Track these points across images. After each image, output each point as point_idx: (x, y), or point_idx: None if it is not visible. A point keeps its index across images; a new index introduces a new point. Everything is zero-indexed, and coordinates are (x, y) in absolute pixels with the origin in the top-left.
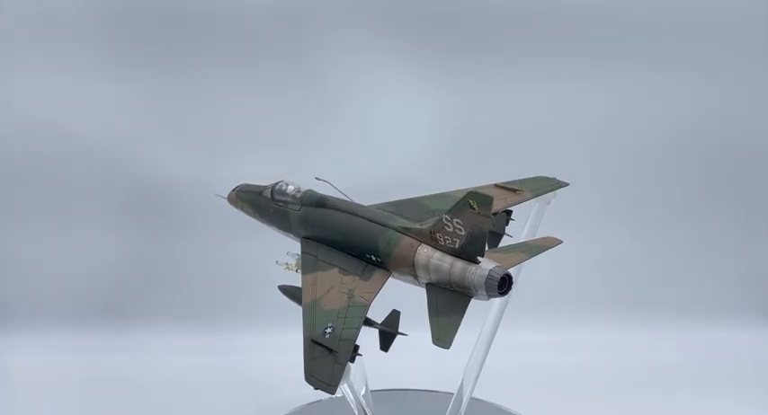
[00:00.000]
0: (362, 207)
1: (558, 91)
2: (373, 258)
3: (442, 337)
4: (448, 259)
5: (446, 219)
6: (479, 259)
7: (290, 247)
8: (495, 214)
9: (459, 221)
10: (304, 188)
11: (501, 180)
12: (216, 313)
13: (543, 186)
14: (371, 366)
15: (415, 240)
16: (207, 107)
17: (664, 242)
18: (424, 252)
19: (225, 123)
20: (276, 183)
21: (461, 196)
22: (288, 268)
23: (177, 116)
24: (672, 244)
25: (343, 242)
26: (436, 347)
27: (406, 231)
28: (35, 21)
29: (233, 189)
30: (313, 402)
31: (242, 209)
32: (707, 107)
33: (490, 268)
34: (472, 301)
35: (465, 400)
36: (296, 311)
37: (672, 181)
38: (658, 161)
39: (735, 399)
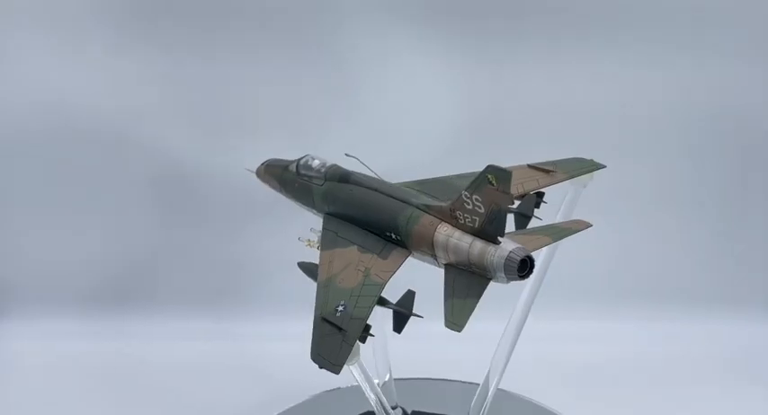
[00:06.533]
0: (387, 183)
1: (584, 73)
2: (393, 236)
3: (456, 319)
4: (467, 238)
5: (465, 196)
6: (500, 239)
7: (313, 224)
8: (524, 195)
9: (478, 198)
10: (329, 162)
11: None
12: (226, 298)
13: (578, 167)
14: (395, 354)
15: (435, 218)
16: (221, 87)
17: (691, 232)
18: (444, 231)
19: (240, 103)
20: (302, 157)
21: None
22: (309, 244)
23: (190, 95)
24: (700, 234)
25: (363, 219)
26: (449, 330)
27: (427, 209)
28: None
29: (262, 164)
30: (330, 390)
31: (268, 183)
32: (738, 94)
33: (510, 249)
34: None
35: (491, 391)
36: (311, 296)
37: (699, 170)
38: (686, 148)
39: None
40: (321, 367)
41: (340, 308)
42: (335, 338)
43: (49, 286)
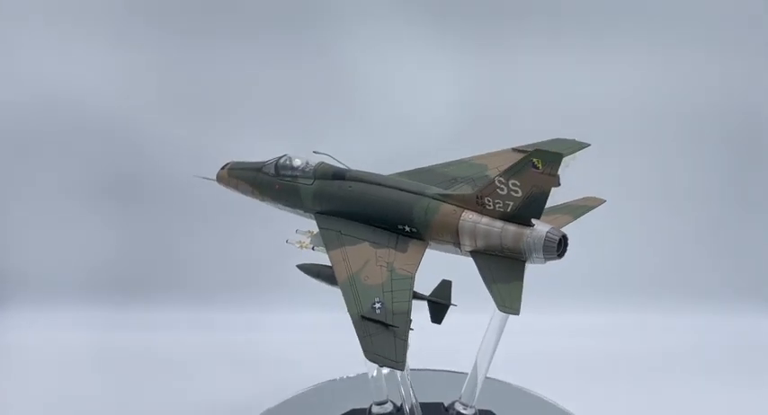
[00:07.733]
0: (388, 177)
1: (584, 65)
2: (407, 228)
3: (509, 303)
4: (498, 223)
5: (500, 181)
6: (533, 221)
7: (300, 225)
8: None
9: (516, 182)
10: (312, 161)
11: None
12: (229, 289)
13: (564, 148)
14: None
15: (457, 206)
16: (220, 80)
17: (691, 225)
18: (470, 218)
19: (239, 96)
20: (279, 158)
21: (480, 162)
22: (301, 246)
23: (191, 90)
24: (699, 227)
25: (370, 214)
26: (506, 314)
27: (445, 198)
28: None
29: (222, 168)
30: (329, 381)
31: (235, 188)
32: (737, 89)
33: (547, 230)
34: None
35: (480, 378)
36: (309, 290)
37: (701, 162)
38: (688, 140)
39: (753, 385)
40: (382, 366)
41: (377, 305)
42: (386, 335)
43: (50, 278)
